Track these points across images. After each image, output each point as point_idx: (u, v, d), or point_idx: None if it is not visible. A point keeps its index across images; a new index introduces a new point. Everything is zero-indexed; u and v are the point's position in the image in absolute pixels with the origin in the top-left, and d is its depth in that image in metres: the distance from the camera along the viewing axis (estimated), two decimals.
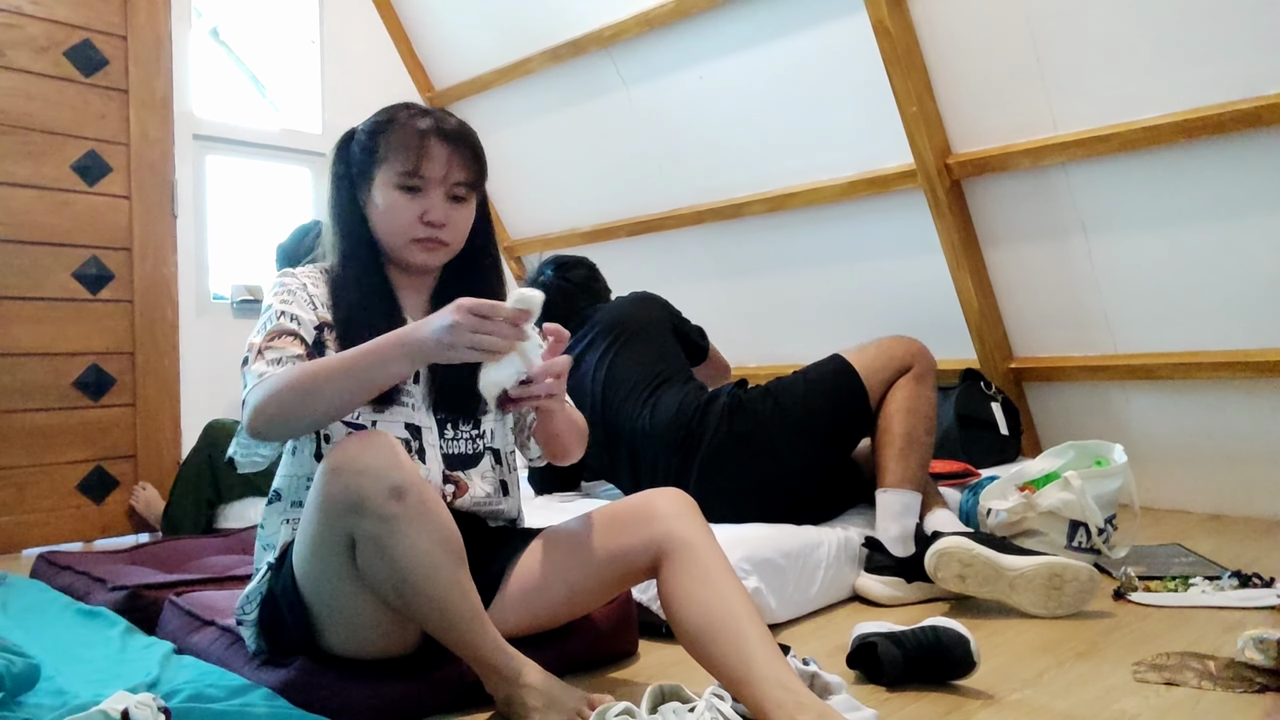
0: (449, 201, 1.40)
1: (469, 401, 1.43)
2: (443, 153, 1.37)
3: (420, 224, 1.38)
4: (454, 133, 1.39)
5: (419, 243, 1.39)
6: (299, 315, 1.37)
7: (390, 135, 1.38)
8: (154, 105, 3.19)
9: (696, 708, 1.15)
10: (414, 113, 1.40)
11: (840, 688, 1.28)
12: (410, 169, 1.36)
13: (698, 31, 3.11)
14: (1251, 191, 2.32)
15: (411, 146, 1.36)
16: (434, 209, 1.38)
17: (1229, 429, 2.57)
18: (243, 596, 1.41)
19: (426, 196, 1.38)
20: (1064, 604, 1.71)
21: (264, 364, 1.29)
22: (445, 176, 1.38)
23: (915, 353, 2.01)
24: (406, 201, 1.38)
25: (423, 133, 1.37)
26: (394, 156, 1.37)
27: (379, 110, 1.44)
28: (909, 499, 1.91)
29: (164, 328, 3.19)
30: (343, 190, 1.44)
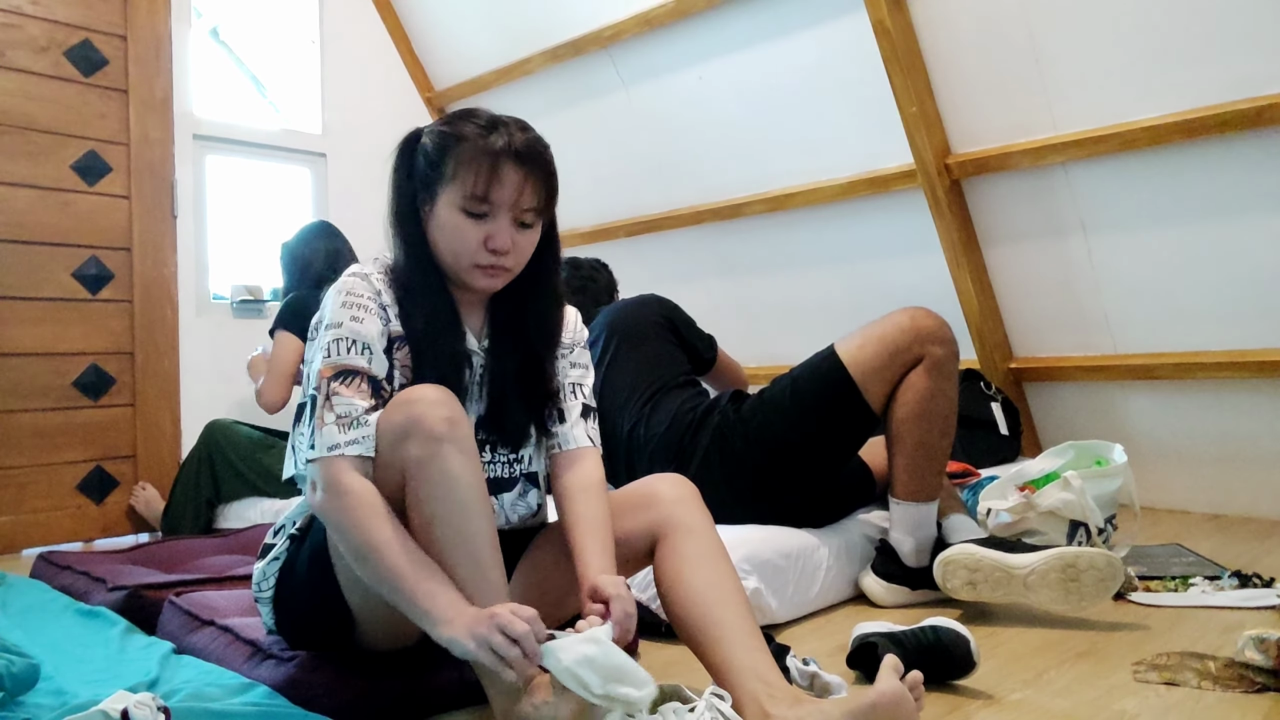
0: (515, 227, 1.31)
1: (516, 433, 1.40)
2: (515, 177, 1.28)
3: (484, 250, 1.30)
4: (528, 154, 1.29)
5: (481, 269, 1.31)
6: (370, 341, 1.28)
7: (460, 152, 1.29)
8: (154, 105, 3.19)
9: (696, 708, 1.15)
10: (484, 127, 1.30)
11: (840, 688, 1.28)
12: (480, 194, 1.27)
13: (697, 31, 3.11)
14: (1251, 191, 2.32)
15: (483, 169, 1.27)
16: (499, 235, 1.29)
17: (1229, 429, 2.57)
18: (259, 570, 1.40)
19: (493, 221, 1.29)
20: (1085, 595, 1.62)
21: (334, 425, 1.21)
22: (516, 202, 1.29)
23: (926, 338, 1.79)
24: (471, 226, 1.29)
25: (496, 154, 1.27)
26: (463, 176, 1.28)
27: (446, 118, 1.34)
28: (924, 511, 1.82)
29: (164, 328, 3.19)
30: (404, 199, 1.35)
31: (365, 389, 1.25)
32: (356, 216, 3.64)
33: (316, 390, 1.25)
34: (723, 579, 1.27)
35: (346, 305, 1.29)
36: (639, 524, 1.35)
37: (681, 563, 1.29)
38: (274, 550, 1.40)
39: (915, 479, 1.81)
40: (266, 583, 1.39)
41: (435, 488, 1.17)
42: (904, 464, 1.82)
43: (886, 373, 1.81)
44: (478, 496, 1.20)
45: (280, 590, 1.38)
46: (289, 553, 1.37)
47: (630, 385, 2.11)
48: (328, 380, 1.24)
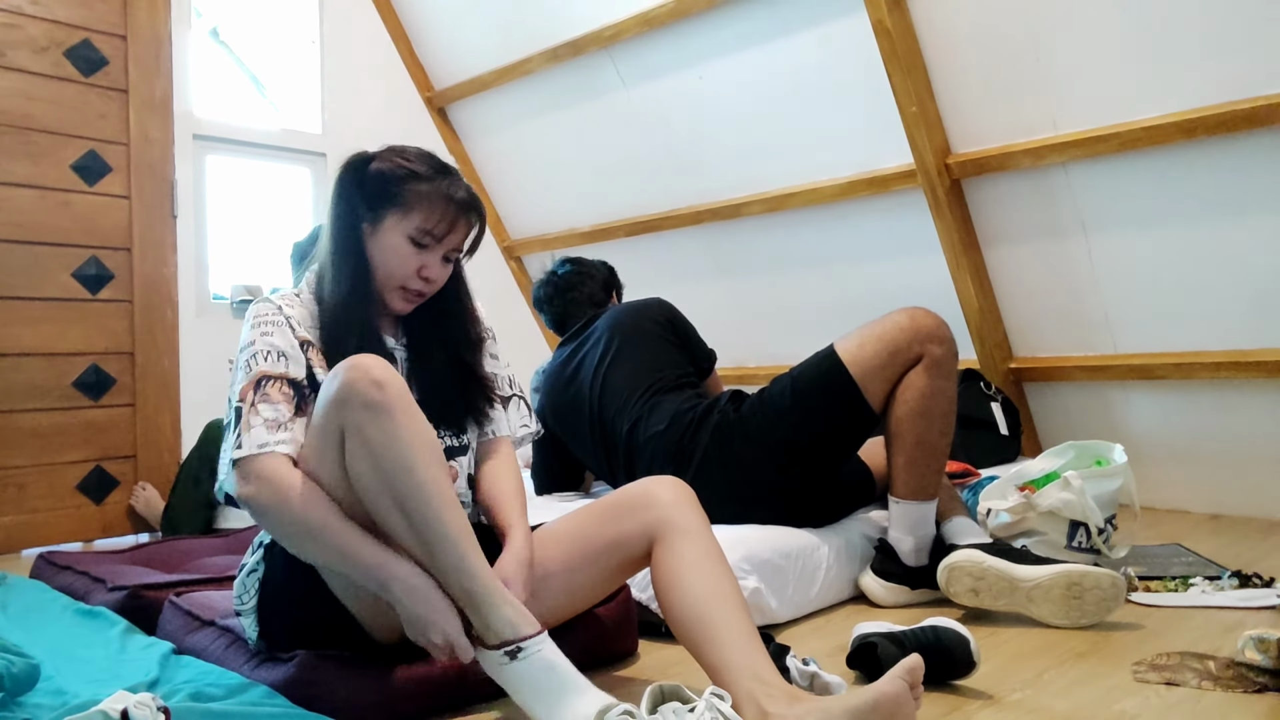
0: (443, 262, 1.46)
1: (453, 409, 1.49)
2: (465, 228, 1.45)
3: (416, 277, 1.44)
4: (478, 208, 1.47)
5: (405, 291, 1.45)
6: (283, 348, 1.37)
7: (419, 190, 1.42)
8: (154, 105, 3.19)
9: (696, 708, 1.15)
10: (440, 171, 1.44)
11: (840, 688, 1.28)
12: (438, 234, 1.42)
13: (697, 32, 3.11)
14: (1251, 191, 2.32)
15: (446, 214, 1.42)
16: (432, 266, 1.44)
17: (1229, 429, 2.57)
18: (238, 584, 1.41)
19: (431, 254, 1.44)
20: (1086, 613, 1.64)
21: (262, 426, 1.28)
22: (458, 244, 1.46)
23: (926, 337, 1.79)
24: (412, 253, 1.43)
25: (458, 204, 1.43)
26: (420, 212, 1.41)
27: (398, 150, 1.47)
28: (923, 510, 1.82)
29: (164, 328, 3.19)
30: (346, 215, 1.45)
31: (287, 391, 1.33)
32: None
33: (241, 401, 1.31)
34: (719, 580, 1.28)
35: (255, 327, 1.39)
36: (636, 525, 1.36)
37: (679, 564, 1.30)
38: (249, 563, 1.41)
39: (914, 477, 1.81)
40: (248, 595, 1.39)
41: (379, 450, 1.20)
42: (903, 462, 1.82)
43: (886, 372, 1.81)
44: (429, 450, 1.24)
45: (264, 600, 1.38)
46: (266, 563, 1.37)
47: (630, 385, 2.11)
48: (251, 389, 1.32)
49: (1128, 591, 1.82)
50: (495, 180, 4.12)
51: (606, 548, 1.39)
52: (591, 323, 2.32)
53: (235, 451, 1.27)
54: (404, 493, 1.20)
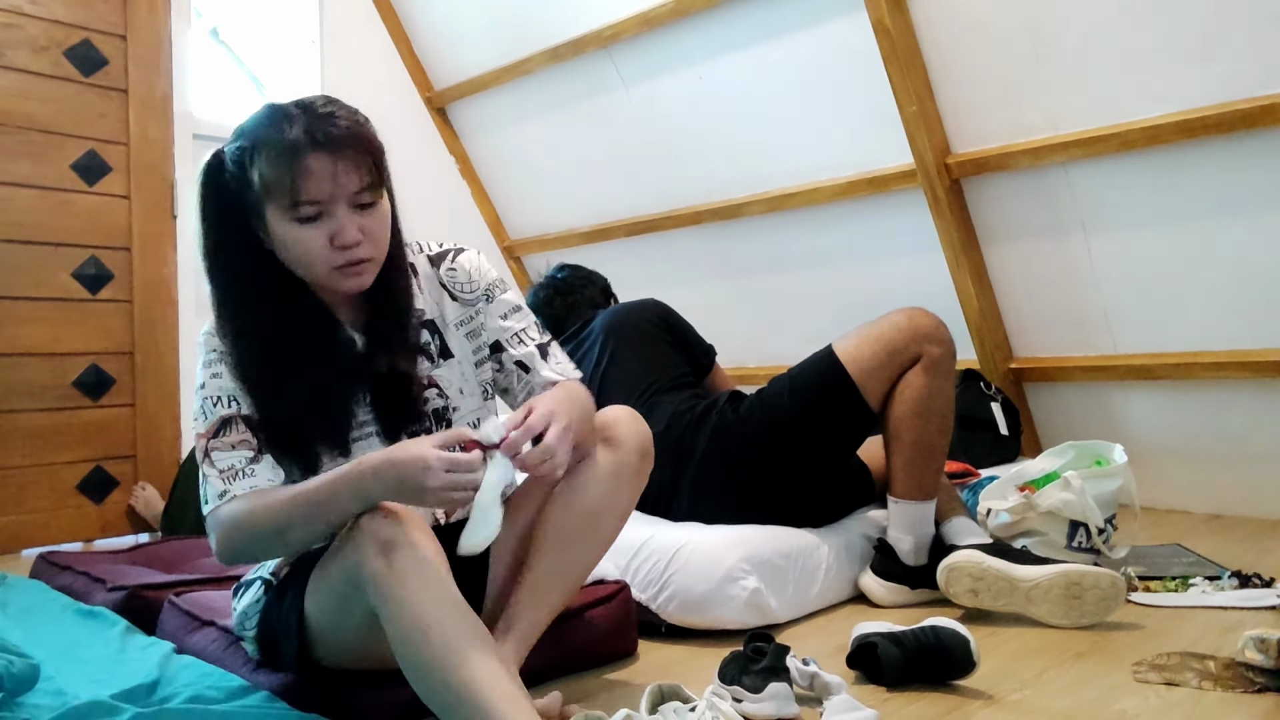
0: (355, 212, 1.20)
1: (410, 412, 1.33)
2: (327, 165, 1.16)
3: (335, 250, 1.19)
4: (335, 136, 1.16)
5: (340, 270, 1.21)
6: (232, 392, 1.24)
7: (260, 161, 1.17)
8: (154, 105, 3.19)
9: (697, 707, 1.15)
10: (278, 122, 1.18)
11: (840, 688, 1.28)
12: (296, 195, 1.16)
13: (698, 31, 3.11)
14: (1251, 191, 2.32)
15: (286, 170, 1.15)
16: (344, 230, 1.18)
17: (1229, 429, 2.57)
18: (239, 613, 1.39)
19: (329, 220, 1.18)
20: (1086, 613, 1.64)
21: (218, 478, 1.20)
22: (339, 190, 1.17)
23: (924, 337, 1.80)
24: (309, 232, 1.18)
25: (293, 149, 1.15)
26: (274, 185, 1.17)
27: (239, 127, 1.23)
28: (922, 510, 1.83)
29: (164, 328, 3.19)
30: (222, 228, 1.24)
31: (243, 430, 1.22)
32: None
33: (200, 452, 1.22)
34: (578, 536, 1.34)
35: (204, 366, 1.27)
36: None
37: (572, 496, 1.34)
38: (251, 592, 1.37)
39: (913, 477, 1.82)
40: (250, 622, 1.37)
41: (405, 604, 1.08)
42: (902, 462, 1.82)
43: (884, 372, 1.82)
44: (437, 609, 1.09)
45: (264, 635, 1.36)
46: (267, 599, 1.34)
47: (628, 386, 2.10)
48: (206, 440, 1.22)
49: (1128, 591, 1.82)
50: (495, 180, 4.12)
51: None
52: (587, 325, 2.32)
53: (205, 507, 1.21)
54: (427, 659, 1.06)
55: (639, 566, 1.77)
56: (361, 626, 1.18)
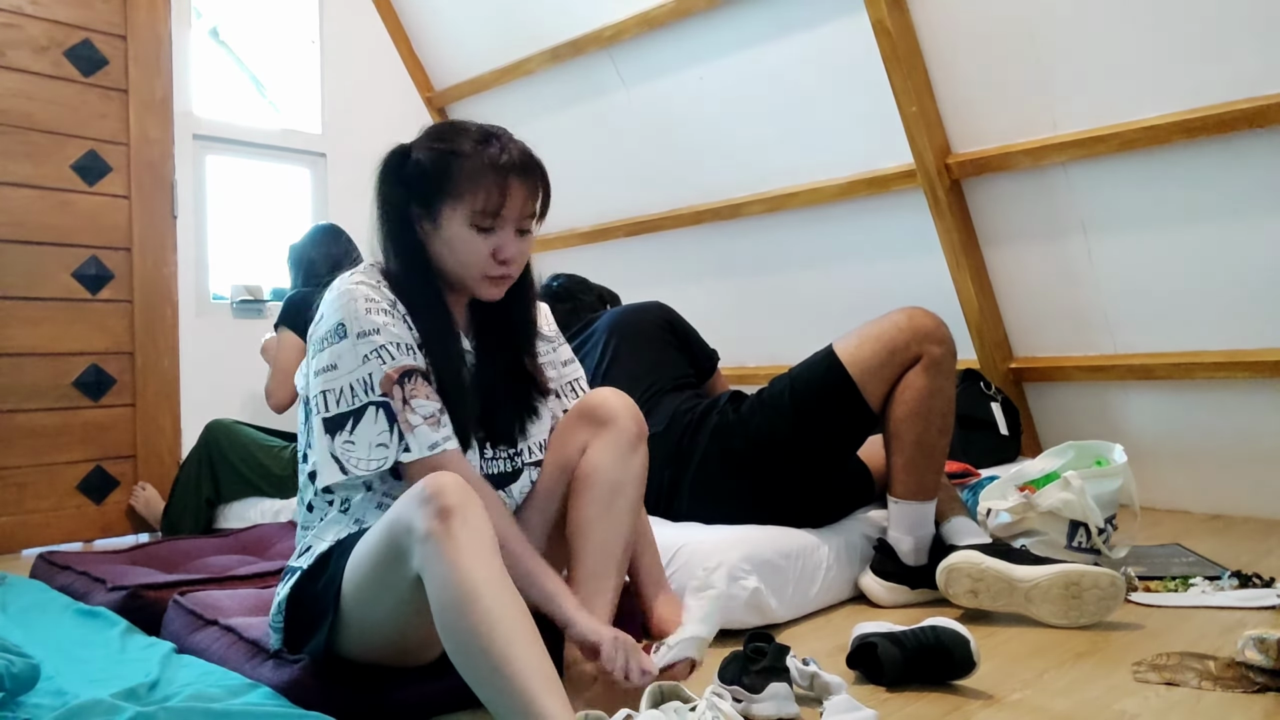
0: (517, 235, 1.35)
1: (509, 430, 1.44)
2: (522, 191, 1.33)
3: (494, 262, 1.34)
4: (529, 165, 1.34)
5: (490, 279, 1.35)
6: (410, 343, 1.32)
7: (464, 169, 1.31)
8: (154, 105, 3.19)
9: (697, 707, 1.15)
10: (482, 142, 1.33)
11: (840, 688, 1.28)
12: (493, 209, 1.31)
13: (698, 32, 3.11)
14: (1251, 191, 2.32)
15: (493, 186, 1.30)
16: (507, 246, 1.33)
17: (1229, 429, 2.57)
18: (277, 601, 1.39)
19: (500, 234, 1.33)
20: (1086, 613, 1.64)
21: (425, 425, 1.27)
22: (521, 213, 1.34)
23: (925, 337, 1.79)
24: (480, 240, 1.33)
25: (503, 170, 1.31)
26: (470, 193, 1.31)
27: (435, 133, 1.37)
28: (922, 510, 1.83)
29: (164, 328, 3.19)
30: (398, 214, 1.37)
31: (430, 388, 1.31)
32: (357, 216, 3.62)
33: (388, 396, 1.27)
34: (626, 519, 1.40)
35: (372, 311, 1.30)
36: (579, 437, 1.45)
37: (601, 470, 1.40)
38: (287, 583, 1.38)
39: (913, 477, 1.81)
40: (279, 613, 1.38)
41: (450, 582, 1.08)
42: (902, 463, 1.82)
43: (885, 371, 1.81)
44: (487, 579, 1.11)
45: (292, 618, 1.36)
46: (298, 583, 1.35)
47: (629, 387, 2.09)
48: (397, 384, 1.28)
49: (1128, 591, 1.82)
50: None
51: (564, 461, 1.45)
52: (589, 325, 2.33)
53: (404, 455, 1.26)
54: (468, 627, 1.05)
55: None
56: (396, 600, 1.18)
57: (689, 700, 1.19)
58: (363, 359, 1.28)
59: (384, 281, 1.36)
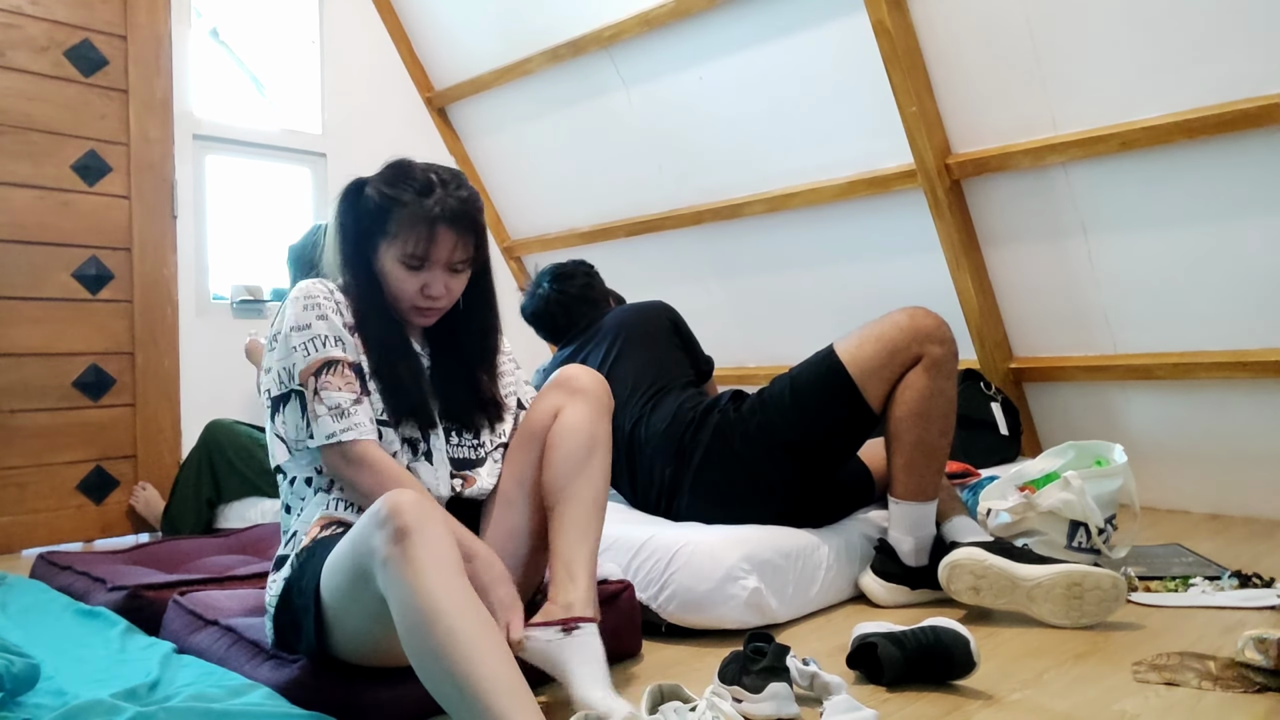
0: (448, 274, 1.47)
1: (470, 415, 1.54)
2: (449, 239, 1.44)
3: (421, 296, 1.46)
4: (460, 215, 1.44)
5: (417, 309, 1.48)
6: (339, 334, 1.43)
7: (399, 216, 1.44)
8: (154, 105, 3.19)
9: (697, 707, 1.15)
10: (422, 193, 1.44)
11: (840, 688, 1.28)
12: (420, 254, 1.43)
13: (697, 32, 3.11)
14: (1251, 191, 2.32)
15: (421, 233, 1.42)
16: (434, 284, 1.45)
17: (1229, 429, 2.57)
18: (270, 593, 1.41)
19: (429, 273, 1.45)
20: (1087, 613, 1.65)
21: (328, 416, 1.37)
22: (449, 258, 1.45)
23: (925, 337, 1.79)
24: (410, 276, 1.45)
25: (432, 220, 1.42)
26: (403, 237, 1.43)
27: (387, 174, 1.49)
28: (922, 511, 1.82)
29: (164, 328, 3.19)
30: (351, 241, 1.49)
31: (350, 375, 1.41)
32: None
33: (303, 386, 1.40)
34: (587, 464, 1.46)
35: (308, 309, 1.43)
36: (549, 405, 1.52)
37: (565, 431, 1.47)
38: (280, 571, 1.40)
39: (914, 478, 1.81)
40: (271, 602, 1.40)
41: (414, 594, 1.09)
42: (903, 463, 1.82)
43: (885, 372, 1.81)
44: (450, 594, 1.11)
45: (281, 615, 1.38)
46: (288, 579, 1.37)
47: (633, 383, 2.11)
48: (313, 375, 1.39)
49: (1128, 591, 1.82)
50: (495, 180, 4.12)
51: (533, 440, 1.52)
52: (594, 323, 2.33)
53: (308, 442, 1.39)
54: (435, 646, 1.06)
55: (639, 566, 1.78)
56: (370, 614, 1.19)
57: (689, 700, 1.19)
58: (291, 349, 1.41)
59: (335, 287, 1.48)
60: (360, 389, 1.41)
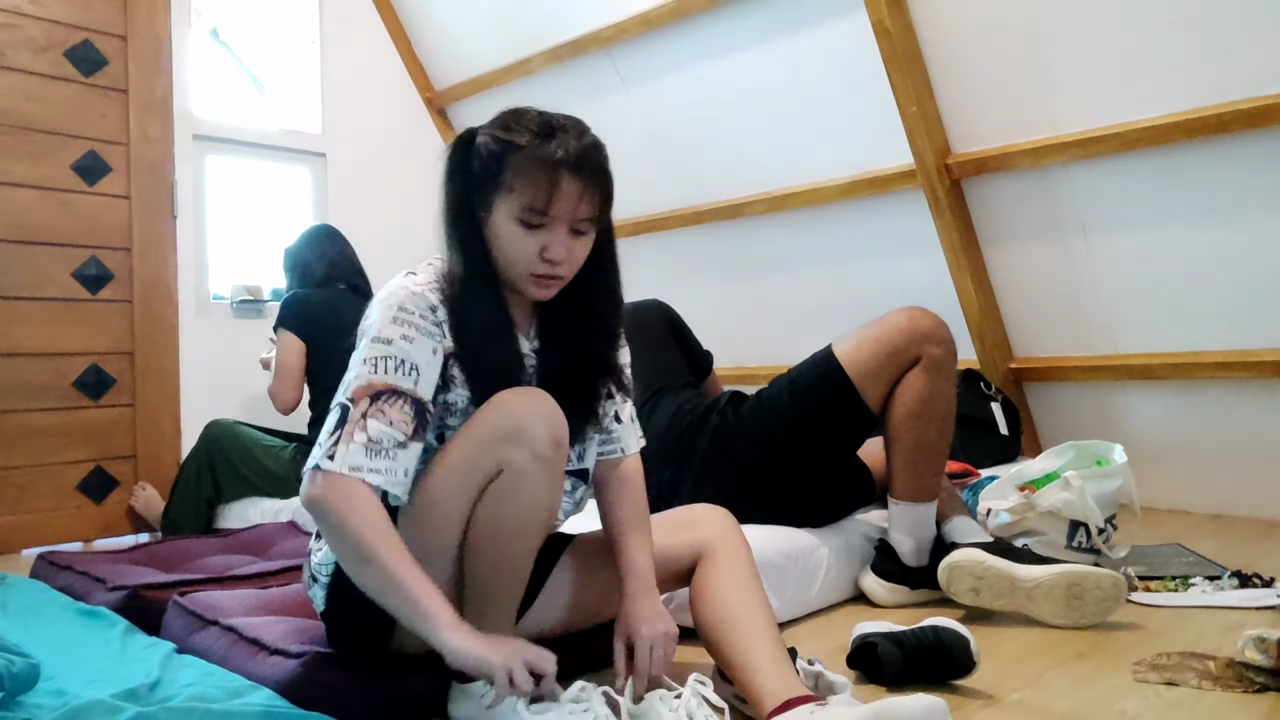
0: (570, 235, 1.28)
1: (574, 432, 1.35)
2: (574, 189, 1.25)
3: (540, 260, 1.27)
4: (587, 164, 1.26)
5: (536, 278, 1.29)
6: (418, 364, 1.24)
7: (516, 163, 1.25)
8: (154, 105, 3.19)
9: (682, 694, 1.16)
10: (542, 135, 1.26)
11: (844, 687, 1.28)
12: (540, 207, 1.24)
13: (698, 32, 3.11)
14: (1252, 191, 2.32)
15: (542, 183, 1.24)
16: (555, 246, 1.27)
17: (1229, 429, 2.57)
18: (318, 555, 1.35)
19: (549, 232, 1.26)
20: (1087, 613, 1.65)
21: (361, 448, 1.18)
22: (574, 213, 1.26)
23: (924, 338, 1.77)
24: (528, 237, 1.26)
25: (554, 165, 1.24)
26: (521, 188, 1.25)
27: (501, 120, 1.31)
28: (922, 511, 1.82)
29: (164, 328, 3.19)
30: (459, 203, 1.32)
31: (408, 412, 1.22)
32: (356, 216, 3.64)
33: (351, 401, 1.21)
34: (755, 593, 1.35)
35: (398, 322, 1.25)
36: (682, 541, 1.44)
37: (720, 577, 1.37)
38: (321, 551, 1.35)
39: (914, 479, 1.81)
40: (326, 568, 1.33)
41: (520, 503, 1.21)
42: (902, 464, 1.81)
43: (884, 373, 1.80)
44: (545, 526, 1.25)
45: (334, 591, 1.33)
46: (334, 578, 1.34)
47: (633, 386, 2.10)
48: (368, 397, 1.21)
49: (1128, 591, 1.82)
50: None
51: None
52: None
53: (325, 461, 1.17)
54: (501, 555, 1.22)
55: None
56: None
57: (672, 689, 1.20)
58: (362, 361, 1.24)
59: (436, 284, 1.30)
60: (414, 431, 1.22)
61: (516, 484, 1.20)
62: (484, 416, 1.23)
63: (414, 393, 1.23)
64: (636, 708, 1.17)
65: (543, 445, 1.19)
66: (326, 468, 1.17)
